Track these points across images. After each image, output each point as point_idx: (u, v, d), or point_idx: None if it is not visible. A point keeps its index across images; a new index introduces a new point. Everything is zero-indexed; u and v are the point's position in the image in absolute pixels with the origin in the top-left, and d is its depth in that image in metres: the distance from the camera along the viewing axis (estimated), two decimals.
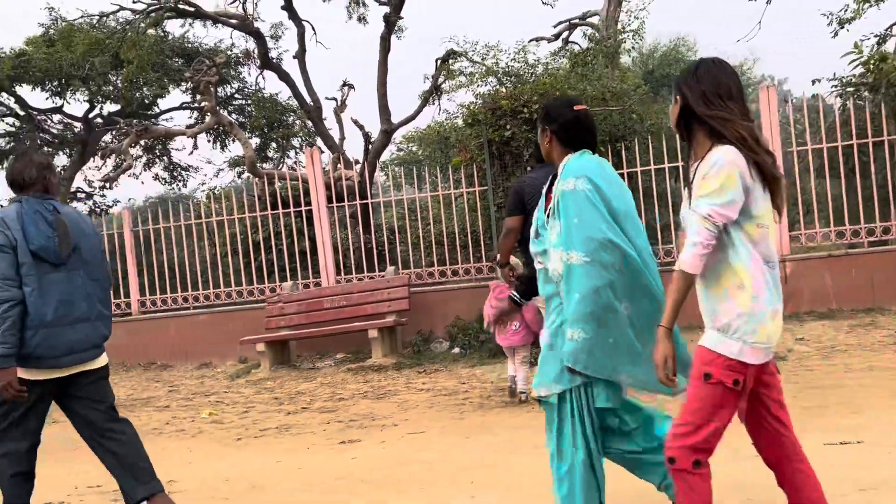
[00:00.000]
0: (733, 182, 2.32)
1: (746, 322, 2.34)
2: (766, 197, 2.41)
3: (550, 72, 11.08)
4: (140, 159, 19.05)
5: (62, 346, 3.61)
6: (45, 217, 3.61)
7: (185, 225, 10.00)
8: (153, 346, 9.69)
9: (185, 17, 14.55)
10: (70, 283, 3.66)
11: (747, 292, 2.36)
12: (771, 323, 2.37)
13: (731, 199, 2.32)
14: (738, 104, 2.43)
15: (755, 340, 2.34)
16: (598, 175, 2.85)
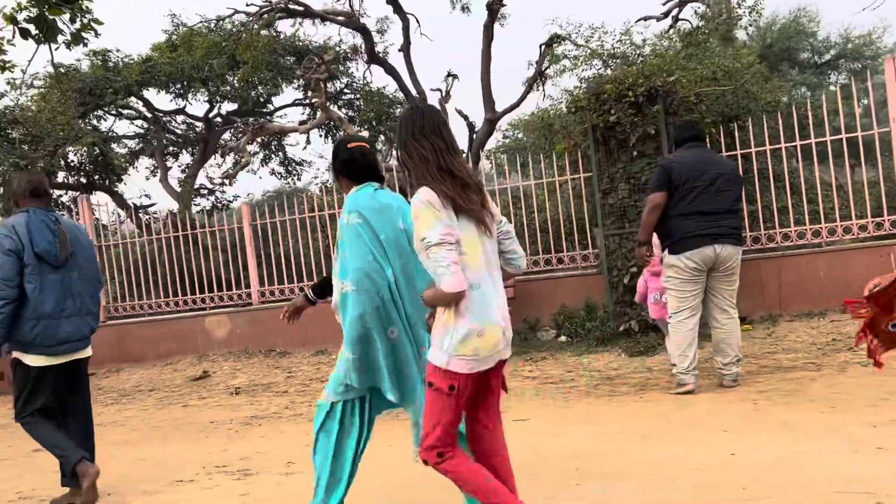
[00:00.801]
0: (434, 215, 2.63)
1: (452, 338, 2.66)
2: (467, 225, 2.68)
3: (658, 52, 10.78)
4: (257, 156, 19.94)
5: (58, 336, 4.34)
6: (49, 226, 4.37)
7: (300, 218, 10.42)
8: (273, 334, 10.17)
9: (295, 16, 15.09)
10: (66, 283, 4.41)
11: (451, 313, 2.66)
12: (477, 339, 2.66)
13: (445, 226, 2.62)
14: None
15: (460, 353, 2.66)
16: (369, 208, 3.17)
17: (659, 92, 7.68)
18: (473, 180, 2.73)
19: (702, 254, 5.44)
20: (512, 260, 2.93)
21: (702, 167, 5.55)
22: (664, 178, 5.51)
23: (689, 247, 5.44)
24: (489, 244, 2.77)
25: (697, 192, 5.47)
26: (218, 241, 11.43)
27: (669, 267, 5.59)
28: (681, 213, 5.46)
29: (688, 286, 5.54)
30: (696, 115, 8.03)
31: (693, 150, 5.66)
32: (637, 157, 7.77)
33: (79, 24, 6.22)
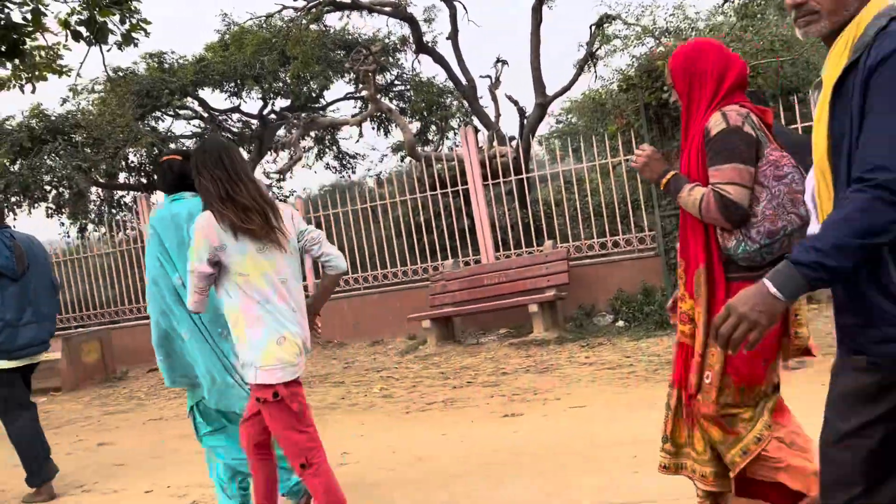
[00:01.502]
0: (202, 243, 2.86)
1: (251, 352, 2.87)
2: (249, 246, 2.88)
3: (712, 26, 10.45)
4: (311, 150, 20.14)
5: (20, 341, 4.83)
6: (5, 242, 4.84)
7: (353, 210, 10.47)
8: (329, 325, 10.25)
9: (342, 9, 15.14)
10: (25, 293, 4.89)
11: (242, 329, 2.88)
12: (277, 347, 2.86)
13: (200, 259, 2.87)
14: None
15: (264, 364, 2.85)
16: (159, 217, 3.44)
17: None
18: (259, 203, 2.93)
19: None
20: (328, 262, 3.13)
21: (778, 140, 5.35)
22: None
23: None
24: (283, 259, 2.97)
25: None
26: None
27: None
28: None
29: None
30: (754, 87, 7.74)
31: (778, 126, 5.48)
32: None
33: (128, 25, 6.34)
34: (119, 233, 12.15)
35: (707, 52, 2.65)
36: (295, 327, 2.94)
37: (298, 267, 3.07)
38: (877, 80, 1.65)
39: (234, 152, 3.01)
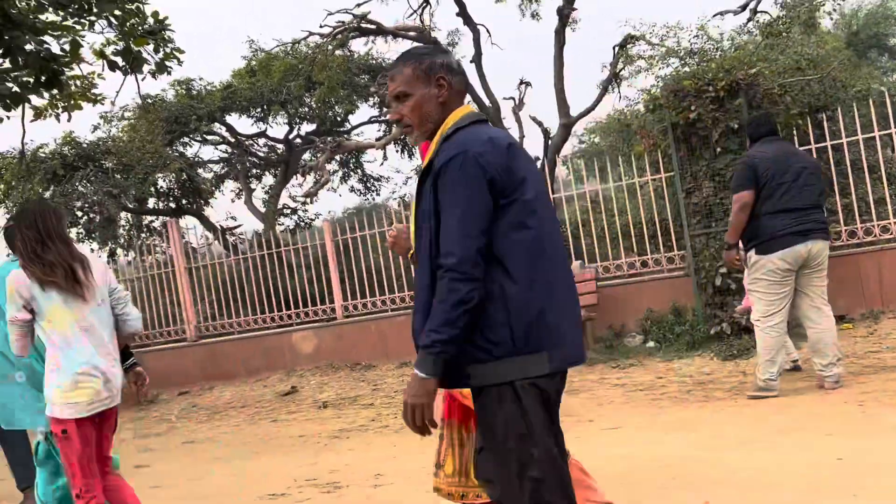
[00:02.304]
0: (12, 298, 3.30)
1: (52, 390, 3.28)
2: (56, 298, 3.29)
3: (738, 46, 10.44)
4: (336, 174, 20.32)
5: None
6: None
7: (379, 232, 10.52)
8: (357, 348, 10.29)
9: (367, 35, 15.35)
10: None
11: (47, 369, 3.32)
12: (74, 388, 3.25)
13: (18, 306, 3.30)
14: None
15: (60, 401, 3.26)
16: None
17: (740, 85, 7.42)
18: (65, 260, 3.33)
19: (795, 252, 5.24)
20: (125, 321, 3.56)
21: (786, 161, 5.35)
22: (750, 174, 5.31)
23: (782, 246, 5.22)
24: (88, 309, 3.37)
25: (785, 189, 5.27)
26: (302, 259, 11.67)
27: (758, 268, 5.35)
28: (769, 211, 5.26)
29: (778, 288, 5.32)
30: (781, 106, 7.72)
31: (773, 145, 5.48)
32: (720, 153, 7.52)
33: (162, 54, 6.48)
34: (149, 257, 12.31)
35: None
36: (96, 370, 3.32)
37: (107, 315, 3.48)
38: (441, 181, 2.08)
39: (48, 215, 3.42)
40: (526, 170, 2.17)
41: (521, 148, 2.21)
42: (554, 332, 2.14)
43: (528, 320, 2.10)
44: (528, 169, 2.19)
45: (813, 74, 8.31)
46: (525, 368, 2.12)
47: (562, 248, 2.26)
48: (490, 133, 2.17)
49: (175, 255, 11.50)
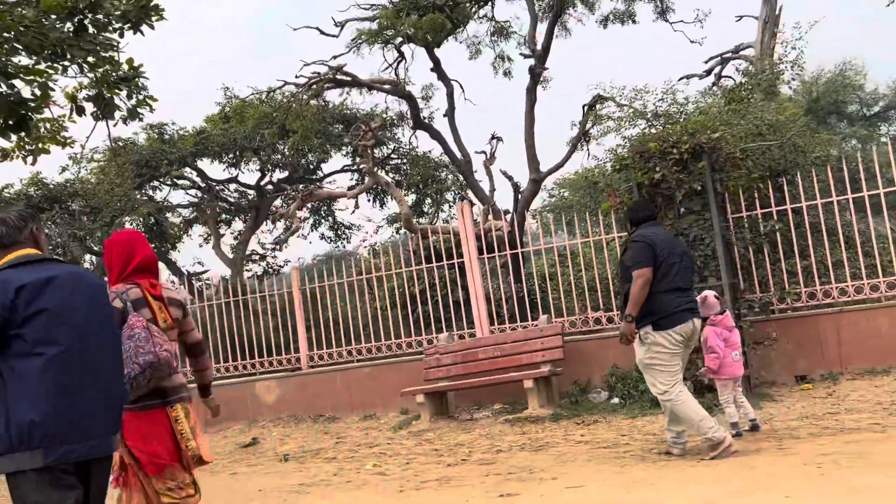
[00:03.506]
0: None
1: None
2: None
3: (702, 110, 10.76)
4: (307, 221, 20.34)
5: None
6: None
7: (348, 281, 10.50)
8: (321, 399, 10.16)
9: (342, 86, 15.55)
10: None
11: None
12: None
13: None
14: None
15: None
16: None
17: (704, 148, 7.63)
18: None
19: (687, 328, 5.60)
20: None
21: (673, 244, 5.79)
22: (650, 253, 5.60)
23: (680, 321, 5.56)
24: None
25: (676, 269, 5.62)
26: (268, 306, 11.58)
27: (656, 343, 5.60)
28: (666, 289, 5.57)
29: (676, 359, 5.62)
30: (743, 170, 7.95)
31: (658, 228, 5.92)
32: (684, 213, 7.68)
33: (135, 101, 6.50)
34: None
35: (112, 246, 3.86)
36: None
37: None
38: None
39: None
40: (51, 302, 2.77)
41: (59, 284, 2.82)
42: (54, 433, 2.71)
43: (21, 426, 2.68)
44: (57, 301, 2.78)
45: (773, 139, 8.58)
46: (20, 462, 2.70)
47: (101, 364, 2.90)
48: (8, 275, 2.78)
49: None
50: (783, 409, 6.90)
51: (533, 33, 15.50)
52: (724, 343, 6.18)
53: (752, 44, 15.35)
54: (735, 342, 6.25)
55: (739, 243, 8.10)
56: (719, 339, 6.18)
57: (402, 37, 14.77)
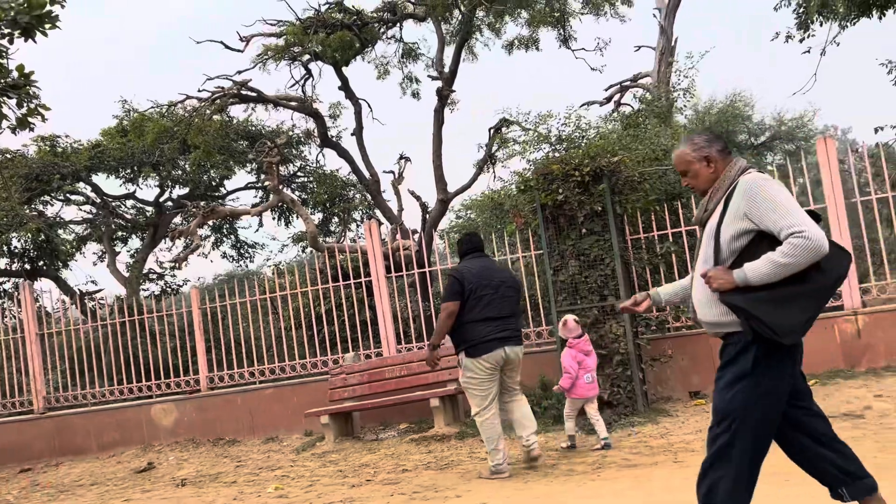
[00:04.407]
0: None
1: None
2: None
3: (602, 135, 11.15)
4: (209, 239, 19.77)
5: None
6: None
7: (251, 301, 10.25)
8: (221, 422, 9.85)
9: (247, 101, 15.27)
10: None
11: None
12: None
13: None
14: None
15: None
16: None
17: (604, 171, 7.90)
18: None
19: (496, 356, 5.97)
20: None
21: (488, 275, 6.12)
22: (458, 287, 6.01)
23: (487, 350, 5.92)
24: None
25: (487, 300, 5.98)
26: (166, 327, 11.17)
27: (470, 369, 6.02)
28: (475, 319, 5.93)
29: (487, 384, 6.00)
30: (640, 193, 8.26)
31: (478, 260, 6.23)
32: (585, 234, 7.92)
33: (25, 110, 6.19)
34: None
35: None
36: None
37: None
38: None
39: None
40: None
41: None
42: None
43: None
44: None
45: (669, 164, 8.97)
46: None
47: None
48: None
49: (26, 320, 10.73)
50: (678, 423, 7.15)
51: (440, 56, 15.69)
52: (578, 365, 6.69)
53: (650, 73, 16.06)
54: (589, 366, 6.76)
55: (637, 263, 8.40)
56: (574, 361, 6.70)
57: (309, 54, 14.67)
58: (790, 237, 2.82)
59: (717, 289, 2.98)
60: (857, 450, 4.57)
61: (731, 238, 2.98)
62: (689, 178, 3.23)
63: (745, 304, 2.90)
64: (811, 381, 7.48)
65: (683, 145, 3.24)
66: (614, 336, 7.70)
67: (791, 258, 2.81)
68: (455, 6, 14.88)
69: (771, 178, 3.00)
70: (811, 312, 2.94)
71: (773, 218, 2.87)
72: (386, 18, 15.72)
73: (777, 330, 2.86)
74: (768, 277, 2.86)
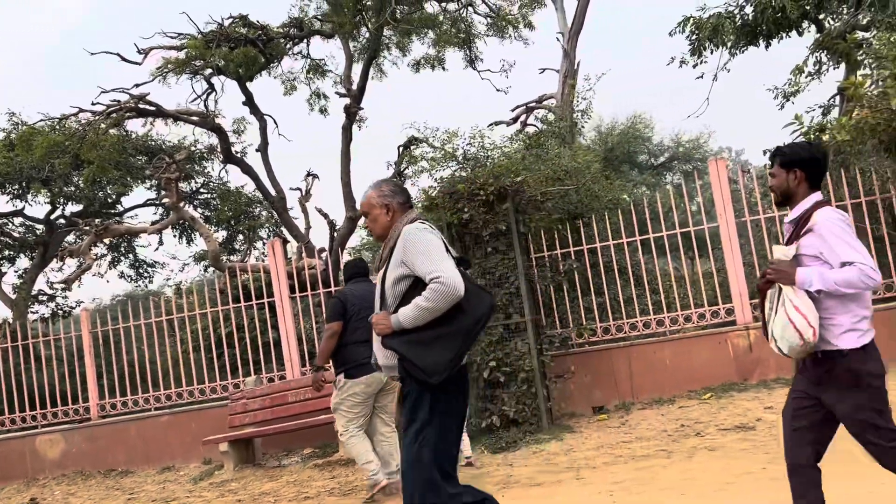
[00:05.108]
0: None
1: None
2: None
3: (507, 154, 11.28)
4: (105, 258, 18.88)
5: None
6: None
7: (146, 323, 9.79)
8: (113, 452, 9.35)
9: (146, 116, 14.72)
10: None
11: None
12: None
13: None
14: None
15: None
16: None
17: (508, 191, 7.96)
18: None
19: (375, 378, 5.98)
20: None
21: (371, 298, 6.01)
22: (340, 308, 6.12)
23: (365, 372, 5.96)
24: None
25: (366, 322, 5.88)
26: (54, 351, 10.53)
27: (346, 390, 6.09)
28: (356, 341, 6.00)
29: (360, 407, 6.06)
30: (544, 212, 8.37)
31: (361, 284, 6.33)
32: (491, 252, 7.95)
33: None
34: None
35: None
36: None
37: None
38: None
39: None
40: None
41: None
42: None
43: None
44: None
45: (570, 184, 9.14)
46: None
47: None
48: None
49: None
50: (581, 439, 7.23)
51: (348, 73, 15.59)
52: None
53: (554, 95, 16.42)
54: None
55: (541, 281, 8.49)
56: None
57: (211, 68, 14.29)
58: (431, 283, 3.04)
59: (379, 333, 3.22)
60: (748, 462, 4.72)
61: (392, 283, 3.24)
62: (369, 221, 3.42)
63: (398, 346, 3.14)
64: (707, 394, 7.73)
65: (372, 189, 3.40)
66: (519, 354, 7.73)
67: (431, 302, 3.03)
68: (362, 24, 14.83)
69: (425, 228, 3.21)
70: (455, 351, 3.11)
71: (420, 264, 3.11)
72: (292, 34, 15.52)
73: (425, 370, 3.06)
74: (415, 321, 3.08)
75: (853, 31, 10.37)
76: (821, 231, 2.95)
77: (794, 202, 3.14)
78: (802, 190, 3.12)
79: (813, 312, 2.90)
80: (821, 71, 11.67)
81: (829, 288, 2.87)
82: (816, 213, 3.01)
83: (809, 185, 3.12)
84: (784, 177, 3.15)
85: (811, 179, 3.12)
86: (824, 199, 3.13)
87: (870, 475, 3.69)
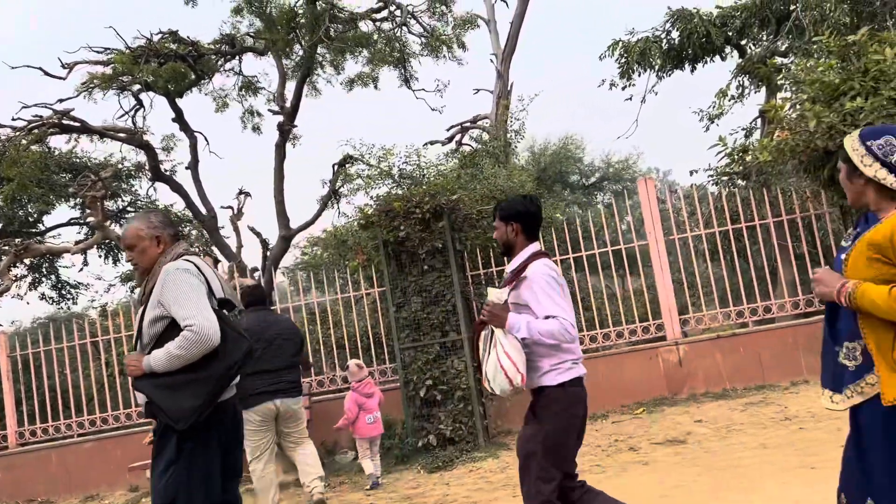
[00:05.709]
0: None
1: None
2: None
3: (443, 173, 11.34)
4: (25, 279, 18.10)
5: None
6: None
7: (69, 346, 9.41)
8: (33, 481, 8.92)
9: (70, 132, 14.22)
10: None
11: None
12: None
13: None
14: None
15: None
16: None
17: (444, 209, 8.00)
18: None
19: (266, 408, 5.97)
20: None
21: (262, 328, 6.19)
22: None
23: (256, 402, 5.96)
24: None
25: (260, 352, 6.03)
26: None
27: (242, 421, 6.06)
28: (249, 373, 5.93)
29: (259, 436, 5.99)
30: (479, 230, 8.43)
31: (257, 314, 6.30)
32: (427, 270, 7.95)
33: None
34: None
35: None
36: None
37: None
38: None
39: None
40: None
41: None
42: None
43: None
44: None
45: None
46: None
47: None
48: None
49: None
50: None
51: (282, 90, 15.43)
52: (359, 407, 7.03)
53: (488, 115, 16.61)
54: (372, 406, 7.10)
55: (478, 299, 8.53)
56: (354, 404, 7.06)
57: (139, 84, 13.93)
58: (185, 330, 2.99)
59: (130, 374, 3.14)
60: (680, 475, 4.82)
61: (150, 323, 3.13)
62: (135, 253, 3.28)
63: (146, 389, 3.06)
64: (639, 409, 7.86)
65: (138, 221, 3.32)
66: (456, 372, 7.74)
67: (183, 350, 2.98)
68: (296, 41, 14.73)
69: (187, 269, 3.12)
70: (204, 398, 3.06)
71: (175, 309, 3.04)
72: (224, 51, 15.28)
73: (170, 415, 3.01)
74: (166, 367, 3.02)
75: (773, 57, 10.84)
76: (531, 284, 3.26)
77: (514, 252, 3.45)
78: (520, 241, 3.43)
79: (521, 357, 3.21)
80: (743, 94, 12.15)
81: (534, 338, 3.19)
82: (531, 266, 3.31)
83: (526, 236, 3.43)
84: (504, 229, 3.46)
85: (527, 231, 3.44)
86: (541, 251, 3.45)
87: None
